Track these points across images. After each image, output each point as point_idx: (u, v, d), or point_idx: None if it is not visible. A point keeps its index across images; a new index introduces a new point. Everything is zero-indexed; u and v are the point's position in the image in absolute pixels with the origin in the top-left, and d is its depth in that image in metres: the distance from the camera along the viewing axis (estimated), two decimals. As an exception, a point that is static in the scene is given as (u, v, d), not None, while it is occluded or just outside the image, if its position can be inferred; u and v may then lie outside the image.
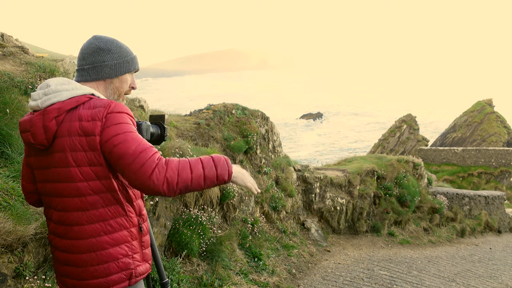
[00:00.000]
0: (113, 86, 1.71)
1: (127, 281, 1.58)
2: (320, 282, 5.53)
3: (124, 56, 1.72)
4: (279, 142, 8.15)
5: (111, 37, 1.72)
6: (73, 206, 1.53)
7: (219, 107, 6.97)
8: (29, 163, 1.66)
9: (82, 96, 1.55)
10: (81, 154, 1.49)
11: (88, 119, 1.49)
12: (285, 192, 7.45)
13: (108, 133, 1.47)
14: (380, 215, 9.41)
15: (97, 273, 1.53)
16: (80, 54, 1.68)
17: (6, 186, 2.48)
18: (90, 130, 1.48)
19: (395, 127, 33.36)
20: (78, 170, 1.50)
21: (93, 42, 1.67)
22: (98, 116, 1.49)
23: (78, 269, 1.55)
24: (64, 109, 1.51)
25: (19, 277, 2.19)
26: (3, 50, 4.61)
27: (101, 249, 1.53)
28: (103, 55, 1.66)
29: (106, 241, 1.54)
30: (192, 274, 4.07)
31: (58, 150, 1.51)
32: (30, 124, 1.53)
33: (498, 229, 12.62)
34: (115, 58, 1.68)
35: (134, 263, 1.61)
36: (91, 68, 1.65)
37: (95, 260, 1.53)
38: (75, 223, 1.53)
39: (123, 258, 1.57)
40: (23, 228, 2.24)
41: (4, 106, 3.14)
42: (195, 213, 4.48)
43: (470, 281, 6.63)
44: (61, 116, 1.51)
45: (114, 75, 1.69)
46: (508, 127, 31.64)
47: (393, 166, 10.24)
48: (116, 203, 1.56)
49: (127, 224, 1.60)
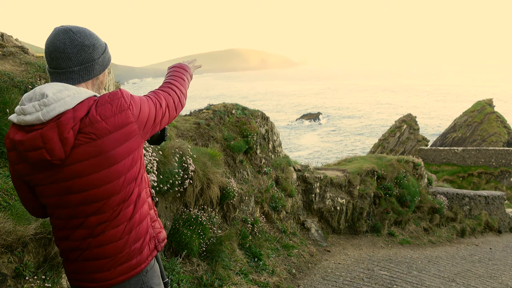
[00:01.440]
0: (98, 82, 1.64)
1: (155, 250, 1.70)
2: (320, 282, 5.53)
3: (104, 47, 1.64)
4: (279, 142, 8.15)
5: (79, 26, 1.57)
6: (116, 202, 1.53)
7: (219, 107, 6.97)
8: (26, 181, 1.53)
9: (89, 100, 1.46)
10: (122, 148, 1.49)
11: (114, 113, 1.46)
12: (285, 192, 7.45)
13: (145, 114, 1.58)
14: (380, 215, 9.41)
15: (134, 252, 1.60)
16: (60, 54, 1.48)
17: (6, 186, 2.48)
18: (123, 122, 1.48)
19: (395, 127, 33.35)
20: (118, 166, 1.49)
21: (74, 38, 1.49)
22: (123, 106, 1.49)
23: (117, 257, 1.57)
24: (79, 117, 1.40)
25: (19, 277, 2.19)
26: (3, 50, 4.61)
27: (134, 229, 1.59)
28: (91, 53, 1.54)
29: (137, 219, 1.60)
30: (192, 274, 4.07)
31: (81, 159, 1.43)
32: (42, 140, 1.38)
33: (498, 229, 12.62)
34: (100, 53, 1.59)
35: (155, 230, 1.71)
36: (81, 69, 1.52)
37: (131, 240, 1.58)
38: (114, 217, 1.53)
39: (149, 230, 1.66)
40: (23, 228, 2.24)
41: (4, 106, 3.14)
42: (195, 213, 4.48)
43: (470, 281, 6.63)
44: (77, 125, 1.40)
45: (102, 71, 1.63)
46: (508, 127, 31.64)
47: (393, 166, 10.23)
48: (141, 179, 1.63)
49: (145, 196, 1.67)
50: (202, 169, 4.63)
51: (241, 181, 6.37)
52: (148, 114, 1.59)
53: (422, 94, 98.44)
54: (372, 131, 53.68)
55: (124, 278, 1.59)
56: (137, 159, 1.57)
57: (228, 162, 6.24)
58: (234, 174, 6.26)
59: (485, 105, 33.49)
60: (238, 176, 6.37)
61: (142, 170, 1.64)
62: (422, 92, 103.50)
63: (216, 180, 4.95)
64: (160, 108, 1.67)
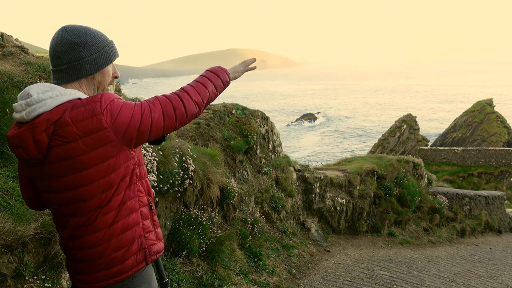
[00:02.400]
0: (95, 82, 1.60)
1: (143, 262, 1.61)
2: (320, 282, 5.53)
3: (102, 46, 1.58)
4: (279, 142, 8.15)
5: (83, 25, 1.57)
6: (90, 207, 1.51)
7: (219, 107, 6.97)
8: (25, 174, 1.60)
9: (67, 103, 1.46)
10: (93, 153, 1.44)
11: (85, 117, 1.42)
12: (285, 192, 7.45)
13: (123, 120, 1.47)
14: (380, 215, 9.41)
15: (115, 260, 1.55)
16: (53, 52, 1.52)
17: (6, 186, 2.48)
18: (94, 127, 1.42)
19: (395, 127, 33.35)
20: (93, 170, 1.46)
21: (64, 37, 1.50)
22: (96, 111, 1.42)
23: (96, 262, 1.55)
24: (52, 120, 1.42)
25: (19, 277, 2.18)
26: (3, 50, 4.60)
27: (115, 237, 1.54)
28: (80, 51, 1.51)
29: (119, 227, 1.54)
30: (192, 274, 4.07)
31: (55, 161, 1.45)
32: (20, 139, 1.45)
33: (498, 229, 12.61)
34: (93, 51, 1.54)
35: (148, 242, 1.62)
36: (69, 68, 1.52)
37: (111, 248, 1.54)
38: (91, 222, 1.52)
39: (136, 240, 1.58)
40: (23, 228, 2.24)
41: (4, 106, 3.14)
42: (195, 213, 4.48)
43: (470, 281, 6.63)
44: (50, 128, 1.42)
45: (96, 70, 1.57)
46: (508, 127, 31.63)
47: (393, 166, 10.23)
48: (127, 187, 1.56)
49: (137, 205, 1.60)
50: (202, 169, 4.63)
51: (241, 181, 6.37)
52: (129, 121, 1.47)
53: (422, 94, 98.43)
54: (372, 131, 53.67)
55: (104, 284, 1.57)
56: (117, 166, 1.50)
57: (228, 162, 6.24)
58: (234, 174, 6.26)
59: (485, 105, 33.48)
60: (238, 176, 6.37)
61: (133, 178, 1.58)
62: (422, 92, 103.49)
63: (216, 180, 4.95)
64: (148, 115, 1.52)
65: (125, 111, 1.48)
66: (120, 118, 1.46)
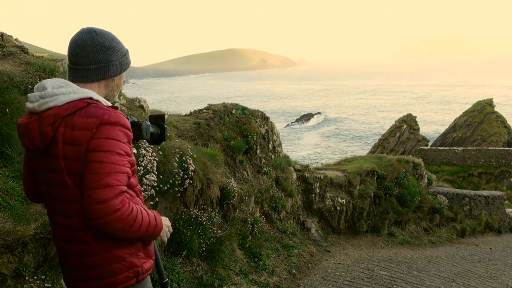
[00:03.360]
0: (114, 84, 1.70)
1: (134, 279, 1.60)
2: (320, 282, 5.53)
3: (124, 52, 1.70)
4: (279, 142, 8.15)
5: (106, 30, 1.66)
6: (74, 211, 1.52)
7: (219, 107, 6.97)
8: (29, 164, 1.66)
9: (79, 101, 1.50)
10: (71, 163, 1.47)
11: (81, 128, 1.45)
12: (285, 192, 7.45)
13: (94, 144, 1.43)
14: (380, 215, 9.41)
15: (105, 273, 1.54)
16: (81, 52, 1.57)
17: (6, 186, 2.48)
18: (79, 140, 1.44)
19: (395, 127, 33.34)
20: (70, 178, 1.48)
21: (95, 38, 1.59)
22: (90, 126, 1.45)
23: (89, 272, 1.55)
24: (60, 115, 1.47)
25: (18, 277, 2.18)
26: (3, 50, 4.60)
27: (106, 252, 1.53)
28: (109, 54, 1.62)
29: (110, 244, 1.53)
30: (192, 274, 4.07)
31: (53, 156, 1.50)
32: (27, 129, 1.51)
33: (498, 229, 12.61)
34: (119, 56, 1.66)
35: (140, 260, 1.62)
36: (97, 68, 1.60)
37: (103, 262, 1.53)
38: (79, 228, 1.52)
39: (129, 258, 1.58)
40: (23, 228, 2.24)
41: (4, 106, 3.14)
42: (195, 213, 4.48)
43: (470, 281, 6.63)
44: (57, 122, 1.47)
45: (118, 73, 1.68)
46: (508, 127, 31.62)
47: (393, 166, 10.23)
48: None
49: None
50: (202, 169, 4.63)
51: (241, 181, 6.36)
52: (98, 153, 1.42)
53: (422, 94, 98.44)
54: (372, 131, 53.67)
55: None
56: None
57: (228, 162, 6.24)
58: (234, 174, 6.26)
59: (485, 105, 33.47)
60: (238, 176, 6.37)
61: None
62: (422, 92, 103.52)
63: (216, 180, 4.95)
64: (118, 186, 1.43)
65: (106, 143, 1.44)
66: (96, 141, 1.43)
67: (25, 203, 2.50)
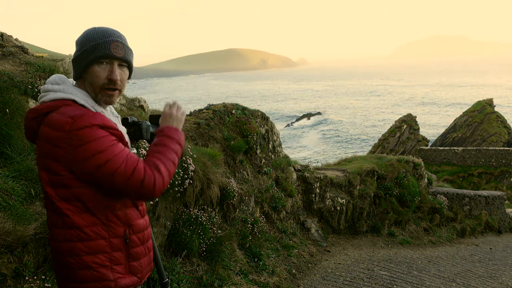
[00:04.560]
0: (87, 82, 1.56)
1: None
2: (320, 282, 5.53)
3: (86, 44, 1.53)
4: (279, 142, 8.15)
5: (102, 26, 1.58)
6: (48, 207, 1.51)
7: (219, 107, 6.97)
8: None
9: (59, 101, 1.48)
10: (46, 160, 1.45)
11: (55, 126, 1.41)
12: (285, 192, 7.45)
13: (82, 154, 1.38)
14: (380, 215, 9.41)
15: (75, 277, 1.49)
16: None
17: (6, 186, 2.48)
18: (53, 140, 1.41)
19: (395, 127, 33.33)
20: (46, 175, 1.46)
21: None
22: (63, 128, 1.39)
23: (64, 271, 1.52)
24: (41, 112, 1.47)
25: (18, 277, 2.18)
26: (2, 50, 4.60)
27: (75, 254, 1.47)
28: (76, 50, 1.56)
29: (80, 247, 1.47)
30: (192, 274, 4.07)
31: (36, 151, 1.52)
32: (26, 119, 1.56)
33: (498, 229, 12.61)
34: (78, 49, 1.55)
35: (114, 275, 1.51)
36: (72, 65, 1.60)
37: (73, 264, 1.48)
38: (53, 225, 1.51)
39: (99, 268, 1.49)
40: (22, 228, 2.24)
41: (3, 106, 3.14)
42: (195, 213, 4.47)
43: (470, 281, 6.63)
44: (39, 118, 1.48)
45: (80, 69, 1.55)
46: (508, 127, 31.62)
47: (393, 166, 10.23)
48: (87, 212, 1.48)
49: (105, 233, 1.50)
50: (202, 169, 4.63)
51: (241, 181, 6.36)
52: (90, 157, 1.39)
53: (422, 95, 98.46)
54: (372, 131, 53.67)
55: None
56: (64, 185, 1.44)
57: (228, 162, 6.24)
58: (234, 174, 6.26)
59: (485, 105, 33.46)
60: (238, 176, 6.37)
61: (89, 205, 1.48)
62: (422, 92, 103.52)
63: (216, 180, 4.95)
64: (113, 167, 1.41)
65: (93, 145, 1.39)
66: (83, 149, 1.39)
67: (25, 203, 2.50)
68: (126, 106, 5.25)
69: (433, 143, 35.61)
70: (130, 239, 1.58)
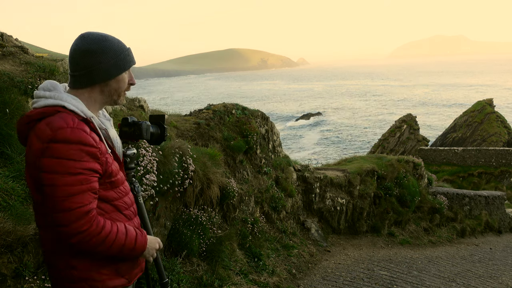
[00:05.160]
0: (109, 88, 1.61)
1: None
2: (320, 282, 5.52)
3: (119, 53, 1.59)
4: (279, 142, 8.15)
5: (100, 32, 1.59)
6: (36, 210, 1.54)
7: (219, 107, 6.97)
8: None
9: (49, 108, 1.48)
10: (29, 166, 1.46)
11: (39, 137, 1.40)
12: (285, 192, 7.45)
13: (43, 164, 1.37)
14: (380, 215, 9.40)
15: (60, 277, 1.51)
16: (71, 59, 1.57)
17: (6, 186, 2.48)
18: (35, 150, 1.40)
19: (395, 127, 33.33)
20: (30, 180, 1.47)
21: (82, 44, 1.54)
22: (43, 137, 1.39)
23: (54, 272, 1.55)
24: (32, 118, 1.48)
25: (18, 277, 2.18)
26: (2, 50, 4.60)
27: (59, 255, 1.50)
28: (96, 58, 1.54)
29: (65, 249, 1.48)
30: (192, 274, 4.07)
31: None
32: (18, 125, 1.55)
33: (498, 229, 12.61)
34: (109, 58, 1.56)
35: (102, 276, 1.53)
36: (83, 74, 1.55)
37: (58, 265, 1.50)
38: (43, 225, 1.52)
39: (85, 269, 1.50)
40: (22, 228, 2.24)
41: (3, 106, 3.14)
42: (195, 213, 4.48)
43: (470, 281, 6.63)
44: (31, 124, 1.47)
45: (109, 78, 1.59)
46: (508, 127, 31.61)
47: (393, 166, 10.23)
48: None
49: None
50: (202, 169, 4.63)
51: (241, 181, 6.36)
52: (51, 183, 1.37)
53: (422, 95, 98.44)
54: (372, 131, 53.67)
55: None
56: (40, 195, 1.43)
57: (228, 162, 6.23)
58: (234, 174, 6.26)
59: (485, 105, 33.45)
60: (238, 176, 6.37)
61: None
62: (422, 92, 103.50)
63: (216, 180, 4.95)
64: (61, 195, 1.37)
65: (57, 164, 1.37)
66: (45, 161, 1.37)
67: (25, 203, 2.50)
68: (126, 106, 5.25)
69: (433, 143, 35.60)
70: None
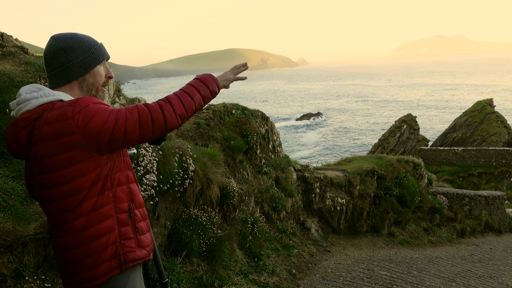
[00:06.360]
0: (87, 83, 1.66)
1: (117, 269, 1.57)
2: (320, 282, 5.52)
3: (88, 49, 1.64)
4: (279, 142, 8.15)
5: (70, 32, 1.66)
6: (58, 209, 1.54)
7: (219, 107, 6.97)
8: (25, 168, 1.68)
9: (48, 104, 1.53)
10: (60, 157, 1.47)
11: (56, 120, 1.46)
12: (285, 192, 7.45)
13: (95, 126, 1.46)
14: (380, 215, 9.40)
15: (86, 266, 1.54)
16: (44, 60, 1.63)
17: (6, 186, 2.48)
18: (63, 131, 1.45)
19: (395, 127, 33.33)
20: (60, 174, 1.49)
21: (52, 44, 1.60)
22: (67, 115, 1.45)
23: (68, 266, 1.57)
24: (30, 118, 1.50)
25: (18, 277, 2.18)
26: (2, 50, 4.60)
27: (86, 243, 1.53)
28: (66, 55, 1.59)
29: (91, 234, 1.53)
30: (192, 274, 4.07)
31: (34, 159, 1.52)
32: (5, 136, 1.56)
33: (498, 229, 12.61)
34: (80, 54, 1.61)
35: (124, 249, 1.58)
36: (59, 72, 1.60)
37: (81, 254, 1.53)
38: (64, 222, 1.54)
39: (110, 246, 1.55)
40: (22, 228, 2.24)
41: (3, 106, 3.14)
42: (195, 213, 4.48)
43: (470, 281, 6.63)
44: (29, 126, 1.50)
45: (84, 72, 1.64)
46: (508, 127, 31.61)
47: (393, 166, 10.23)
48: (100, 193, 1.54)
49: (112, 211, 1.57)
50: (202, 169, 4.63)
51: (241, 181, 6.36)
52: (101, 128, 1.47)
53: (422, 95, 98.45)
54: (372, 131, 53.68)
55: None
56: (86, 171, 1.50)
57: (228, 162, 6.24)
58: (234, 174, 6.26)
59: (485, 105, 33.46)
60: (238, 176, 6.37)
61: (107, 184, 1.56)
62: (422, 92, 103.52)
63: (216, 180, 4.95)
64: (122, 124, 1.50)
65: (98, 117, 1.48)
66: (92, 124, 1.46)
67: (25, 203, 2.50)
68: (126, 106, 5.26)
69: (433, 143, 35.60)
70: (134, 213, 1.66)
